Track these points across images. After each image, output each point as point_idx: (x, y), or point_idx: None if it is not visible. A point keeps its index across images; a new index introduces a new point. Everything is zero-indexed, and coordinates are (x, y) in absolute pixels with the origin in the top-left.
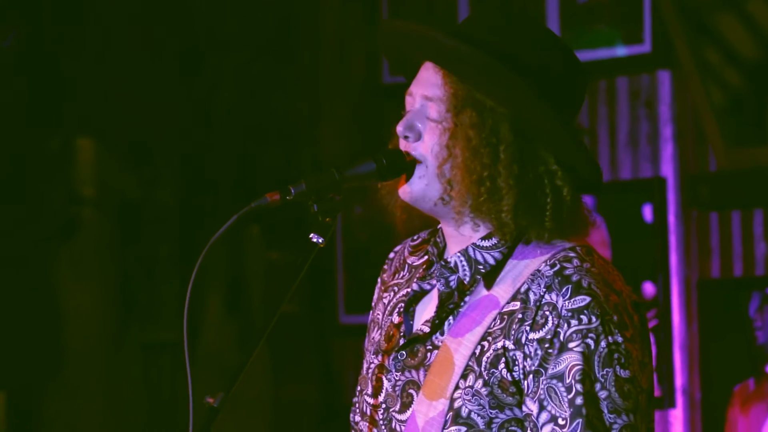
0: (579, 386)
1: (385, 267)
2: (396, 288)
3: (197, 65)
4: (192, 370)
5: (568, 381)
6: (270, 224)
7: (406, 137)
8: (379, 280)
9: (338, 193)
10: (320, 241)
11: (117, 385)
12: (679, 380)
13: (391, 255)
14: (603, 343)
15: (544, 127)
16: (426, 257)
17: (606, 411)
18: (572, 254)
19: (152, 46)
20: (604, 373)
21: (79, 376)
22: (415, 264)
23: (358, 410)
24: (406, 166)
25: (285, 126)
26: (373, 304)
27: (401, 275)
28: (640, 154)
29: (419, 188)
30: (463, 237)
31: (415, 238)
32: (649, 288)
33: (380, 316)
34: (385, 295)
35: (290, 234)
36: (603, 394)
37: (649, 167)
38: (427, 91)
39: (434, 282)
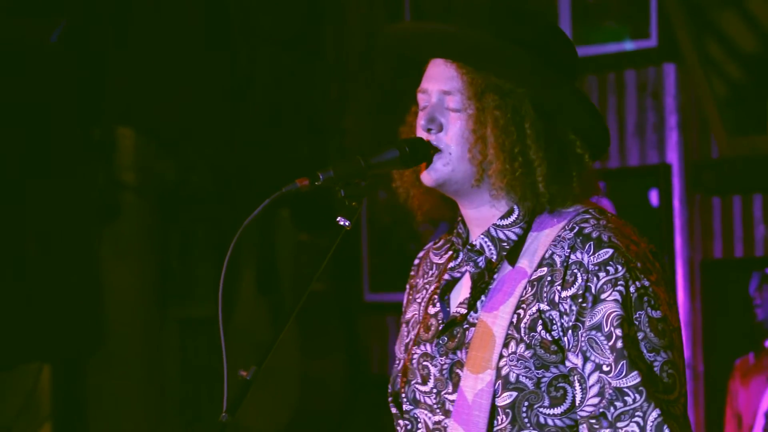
0: (618, 331)
1: (412, 273)
2: (428, 286)
3: (232, 59)
4: (226, 345)
5: (606, 329)
6: (300, 208)
7: (429, 129)
8: (407, 285)
9: (364, 179)
10: (347, 224)
11: (156, 359)
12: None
13: (416, 261)
14: (632, 289)
15: (560, 100)
16: (450, 252)
17: (645, 351)
18: (587, 215)
19: (189, 41)
20: (638, 316)
21: (121, 350)
22: (440, 262)
23: (406, 400)
24: (428, 153)
25: (313, 116)
26: (403, 308)
27: (430, 274)
28: (646, 142)
29: (444, 174)
30: (483, 219)
31: (436, 241)
32: None
33: (416, 315)
34: (418, 295)
35: (319, 217)
36: (640, 335)
37: (655, 154)
38: (443, 85)
39: (463, 269)
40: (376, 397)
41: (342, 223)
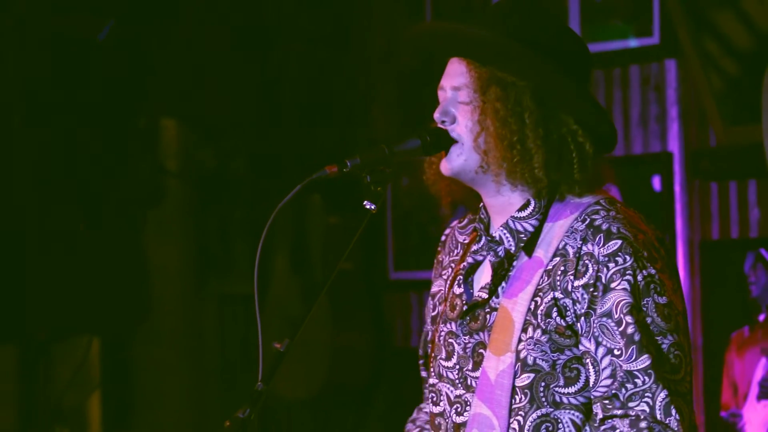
0: (628, 318)
1: (439, 249)
2: (453, 264)
3: (266, 54)
4: (261, 319)
5: (616, 316)
6: (329, 192)
7: (443, 122)
8: (435, 261)
9: (388, 166)
10: (372, 207)
11: (196, 331)
12: None
13: (443, 238)
14: (639, 277)
15: (560, 92)
16: (473, 234)
17: (653, 335)
18: (598, 207)
19: (227, 38)
20: (645, 302)
21: (164, 324)
22: (465, 242)
23: (434, 373)
24: (448, 142)
25: (342, 107)
26: (433, 279)
27: (455, 253)
28: (649, 132)
29: (458, 164)
30: (501, 207)
31: (461, 219)
32: None
33: (443, 290)
34: (444, 272)
35: (347, 201)
36: (648, 320)
37: (657, 143)
38: (455, 81)
39: (484, 254)
40: (400, 367)
41: (368, 206)
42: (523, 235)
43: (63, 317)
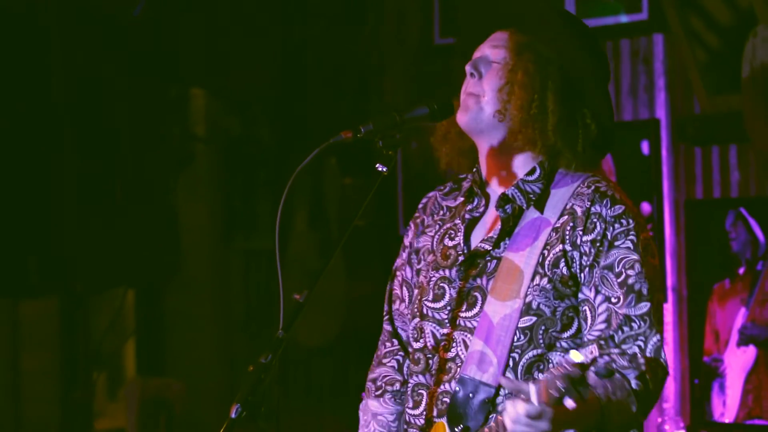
0: (629, 271)
1: (418, 214)
2: (440, 222)
3: (288, 29)
4: (282, 272)
5: (618, 270)
6: (345, 156)
7: (471, 74)
8: (411, 224)
9: (399, 132)
10: (384, 169)
11: (223, 283)
12: (669, 280)
13: (422, 202)
14: (642, 238)
15: (583, 74)
16: (461, 198)
17: (650, 288)
18: (598, 177)
19: (253, 15)
20: (644, 261)
21: (193, 276)
22: (453, 205)
23: (416, 313)
24: (453, 110)
25: (356, 78)
26: (407, 242)
27: (441, 214)
28: (639, 100)
29: (473, 113)
30: (503, 165)
31: (441, 188)
32: (646, 207)
33: (428, 245)
34: (429, 230)
35: (361, 164)
36: (646, 273)
37: (646, 111)
38: (493, 42)
39: (481, 209)
40: None
41: (380, 169)
42: (532, 195)
43: (101, 271)
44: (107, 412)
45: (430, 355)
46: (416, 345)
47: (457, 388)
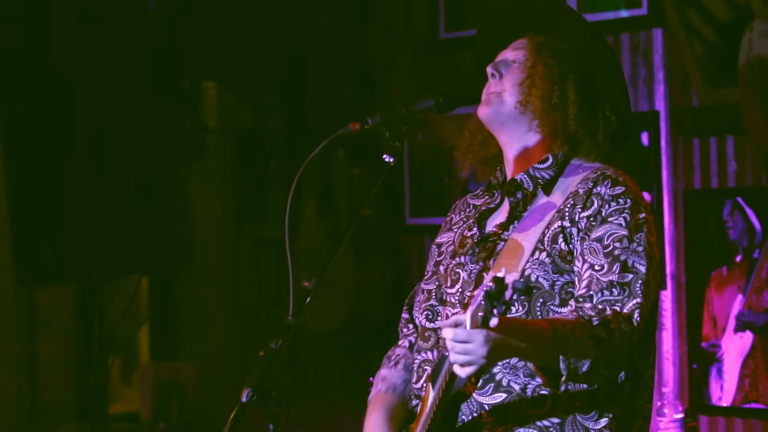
0: (616, 244)
1: (450, 213)
2: (465, 219)
3: (297, 24)
4: (292, 260)
5: (606, 242)
6: (353, 147)
7: (492, 75)
8: (444, 222)
9: (405, 124)
10: (391, 160)
11: (234, 271)
12: (669, 268)
13: (456, 203)
14: (637, 216)
15: (601, 69)
16: (486, 197)
17: (636, 261)
18: (609, 167)
19: (263, 12)
20: (638, 236)
21: (206, 264)
22: (479, 203)
23: (435, 299)
24: (460, 101)
25: (364, 71)
26: (439, 234)
27: (467, 212)
28: (638, 92)
29: (494, 107)
30: (523, 159)
31: (474, 193)
32: (645, 197)
33: (452, 240)
34: (454, 226)
35: (368, 155)
36: (634, 248)
37: (645, 103)
38: (515, 46)
39: (497, 200)
40: None
41: (387, 159)
42: (540, 180)
43: (116, 259)
44: (122, 396)
45: (440, 334)
46: (429, 324)
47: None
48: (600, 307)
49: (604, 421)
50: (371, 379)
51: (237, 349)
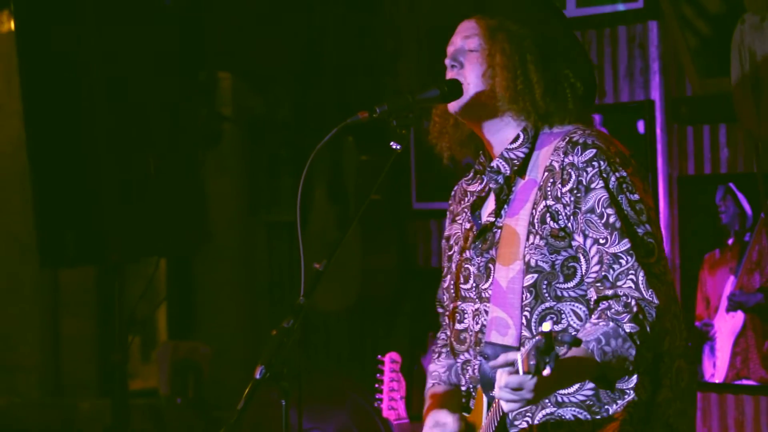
0: (609, 210)
1: (450, 202)
2: (466, 209)
3: (308, 16)
4: (303, 243)
5: (599, 211)
6: (361, 134)
7: (452, 66)
8: (447, 212)
9: (411, 112)
10: (398, 147)
11: (248, 253)
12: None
13: (453, 192)
14: (613, 178)
15: (556, 39)
16: (477, 181)
17: (630, 224)
18: (577, 128)
19: (276, 4)
20: (620, 198)
21: (221, 247)
22: (474, 189)
23: (458, 298)
24: (461, 91)
25: (372, 61)
26: (445, 227)
27: (466, 200)
28: (635, 83)
29: (465, 98)
30: (500, 143)
31: (466, 175)
32: None
33: (458, 233)
34: (458, 218)
35: (376, 142)
36: (624, 212)
37: (641, 92)
38: (465, 33)
39: (487, 189)
40: (421, 284)
41: (394, 146)
42: (515, 161)
43: (135, 242)
44: (141, 372)
45: (471, 332)
46: (459, 326)
47: (482, 357)
48: (619, 283)
49: (633, 381)
50: (379, 356)
51: (250, 328)
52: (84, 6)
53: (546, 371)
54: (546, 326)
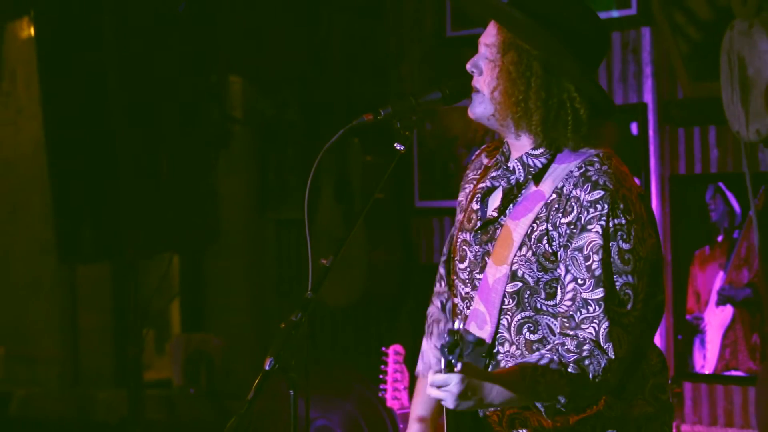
0: (595, 256)
1: (468, 170)
2: (474, 181)
3: (315, 22)
4: (310, 239)
5: (586, 252)
6: (366, 136)
7: (472, 72)
8: (465, 173)
9: (415, 114)
10: (401, 148)
11: (258, 250)
12: None
13: (473, 155)
14: (611, 224)
15: (563, 64)
16: (494, 160)
17: (611, 273)
18: (595, 159)
19: (284, 11)
20: (611, 245)
21: (231, 243)
22: (487, 164)
23: (453, 271)
24: (464, 95)
25: (377, 65)
26: (461, 188)
27: (478, 172)
28: (628, 86)
29: (479, 111)
30: (518, 146)
31: (489, 144)
32: (635, 181)
33: (464, 202)
34: (466, 186)
35: (380, 143)
36: (610, 260)
37: (635, 96)
38: (488, 39)
39: (501, 181)
40: (425, 280)
41: (398, 147)
42: (532, 169)
43: (150, 238)
44: (155, 364)
45: (459, 310)
46: (456, 300)
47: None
48: (583, 326)
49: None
50: (384, 348)
51: (260, 321)
52: (101, 12)
53: (457, 367)
54: (456, 324)
